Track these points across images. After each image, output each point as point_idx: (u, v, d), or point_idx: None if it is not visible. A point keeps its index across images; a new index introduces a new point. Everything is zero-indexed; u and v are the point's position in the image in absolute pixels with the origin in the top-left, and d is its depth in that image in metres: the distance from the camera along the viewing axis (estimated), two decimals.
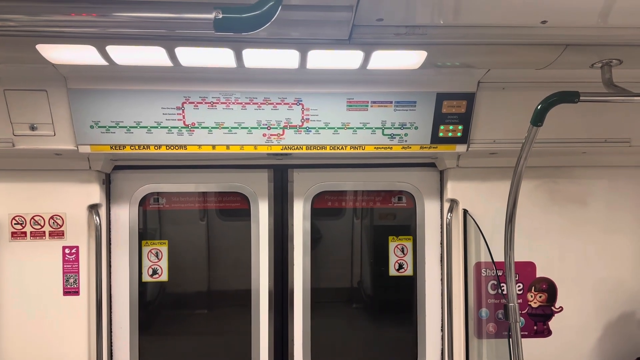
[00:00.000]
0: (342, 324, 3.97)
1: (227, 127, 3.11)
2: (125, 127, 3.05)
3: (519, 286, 3.63)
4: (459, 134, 3.20)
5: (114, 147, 3.10)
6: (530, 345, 3.56)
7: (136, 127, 3.05)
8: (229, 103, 3.04)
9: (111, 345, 3.62)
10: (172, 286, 3.79)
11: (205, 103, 3.03)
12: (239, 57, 2.53)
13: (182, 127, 3.08)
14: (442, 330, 3.76)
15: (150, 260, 3.69)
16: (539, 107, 2.51)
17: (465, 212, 3.55)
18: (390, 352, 3.91)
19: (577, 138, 3.26)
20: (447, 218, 3.63)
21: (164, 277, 3.71)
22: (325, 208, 3.84)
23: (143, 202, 3.68)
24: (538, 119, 2.52)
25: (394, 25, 2.27)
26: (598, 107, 3.09)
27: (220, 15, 1.57)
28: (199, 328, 3.87)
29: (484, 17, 2.23)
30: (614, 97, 2.60)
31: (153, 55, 2.50)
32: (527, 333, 3.65)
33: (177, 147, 3.13)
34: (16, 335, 3.38)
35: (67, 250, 3.41)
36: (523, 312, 3.64)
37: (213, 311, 3.94)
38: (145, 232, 3.72)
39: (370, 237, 3.96)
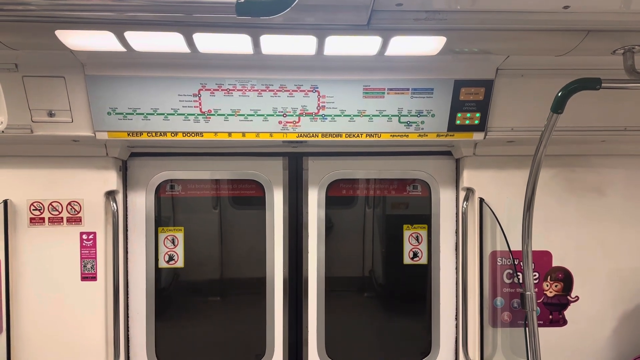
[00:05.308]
0: (356, 312, 3.98)
1: (243, 115, 3.10)
2: (142, 114, 3.05)
3: (534, 275, 3.61)
4: (476, 122, 3.17)
5: (131, 134, 3.11)
6: (545, 335, 3.53)
7: (153, 114, 3.06)
8: (245, 90, 3.04)
9: (128, 330, 3.67)
10: (187, 273, 3.82)
11: (222, 90, 3.03)
12: (256, 44, 2.52)
13: (198, 114, 3.08)
14: (457, 318, 3.76)
15: (166, 247, 3.72)
16: (559, 94, 2.47)
17: (481, 200, 3.53)
18: (404, 340, 3.92)
19: (596, 126, 3.22)
20: (462, 207, 3.62)
21: (180, 263, 3.74)
22: (340, 196, 3.83)
23: (159, 189, 3.70)
24: (559, 106, 2.48)
25: (413, 11, 2.24)
26: (618, 95, 3.04)
27: None
28: (214, 315, 3.91)
29: (505, 1, 2.20)
30: (636, 84, 2.55)
31: (171, 42, 2.50)
32: (542, 322, 3.64)
33: (193, 134, 3.14)
34: (34, 319, 3.43)
35: (84, 236, 3.45)
36: (539, 301, 3.62)
37: (229, 298, 3.96)
38: (161, 219, 3.75)
39: (385, 225, 3.95)
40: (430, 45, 2.57)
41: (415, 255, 3.83)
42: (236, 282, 3.97)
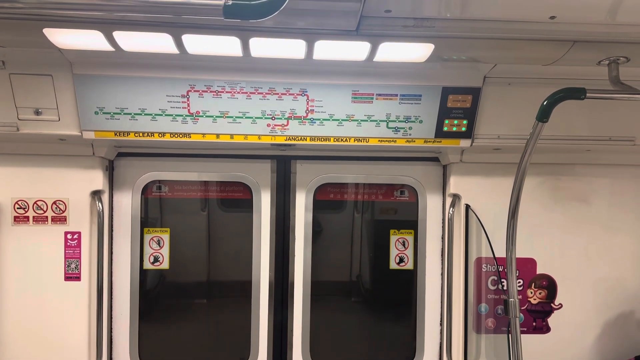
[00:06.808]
0: (342, 317, 3.98)
1: (232, 117, 3.10)
2: (130, 114, 3.04)
3: (519, 282, 3.63)
4: (463, 129, 3.19)
5: (118, 134, 3.10)
6: (528, 342, 3.56)
7: (141, 114, 3.05)
8: (234, 92, 3.04)
9: (111, 332, 3.64)
10: (172, 275, 3.80)
11: (210, 92, 3.02)
12: (245, 46, 2.53)
13: (186, 115, 3.08)
14: (441, 324, 3.77)
15: (151, 248, 3.70)
16: (545, 103, 2.50)
17: (467, 207, 3.55)
18: (389, 344, 3.92)
19: (581, 135, 3.26)
20: (449, 213, 3.63)
21: (165, 265, 3.72)
22: (327, 200, 3.83)
23: (146, 189, 3.68)
24: (544, 115, 2.51)
25: (402, 17, 2.26)
26: (603, 105, 3.08)
27: (230, 2, 1.56)
28: (199, 317, 3.88)
29: (492, 10, 2.22)
30: (620, 94, 2.59)
31: (159, 43, 2.50)
32: (526, 329, 3.66)
33: (181, 135, 3.13)
34: (17, 319, 3.40)
35: (69, 236, 3.42)
36: (522, 308, 3.64)
37: (213, 301, 3.94)
38: (147, 220, 3.73)
39: (372, 229, 3.96)
40: (418, 52, 2.59)
41: (401, 260, 3.84)
42: (221, 284, 3.95)
